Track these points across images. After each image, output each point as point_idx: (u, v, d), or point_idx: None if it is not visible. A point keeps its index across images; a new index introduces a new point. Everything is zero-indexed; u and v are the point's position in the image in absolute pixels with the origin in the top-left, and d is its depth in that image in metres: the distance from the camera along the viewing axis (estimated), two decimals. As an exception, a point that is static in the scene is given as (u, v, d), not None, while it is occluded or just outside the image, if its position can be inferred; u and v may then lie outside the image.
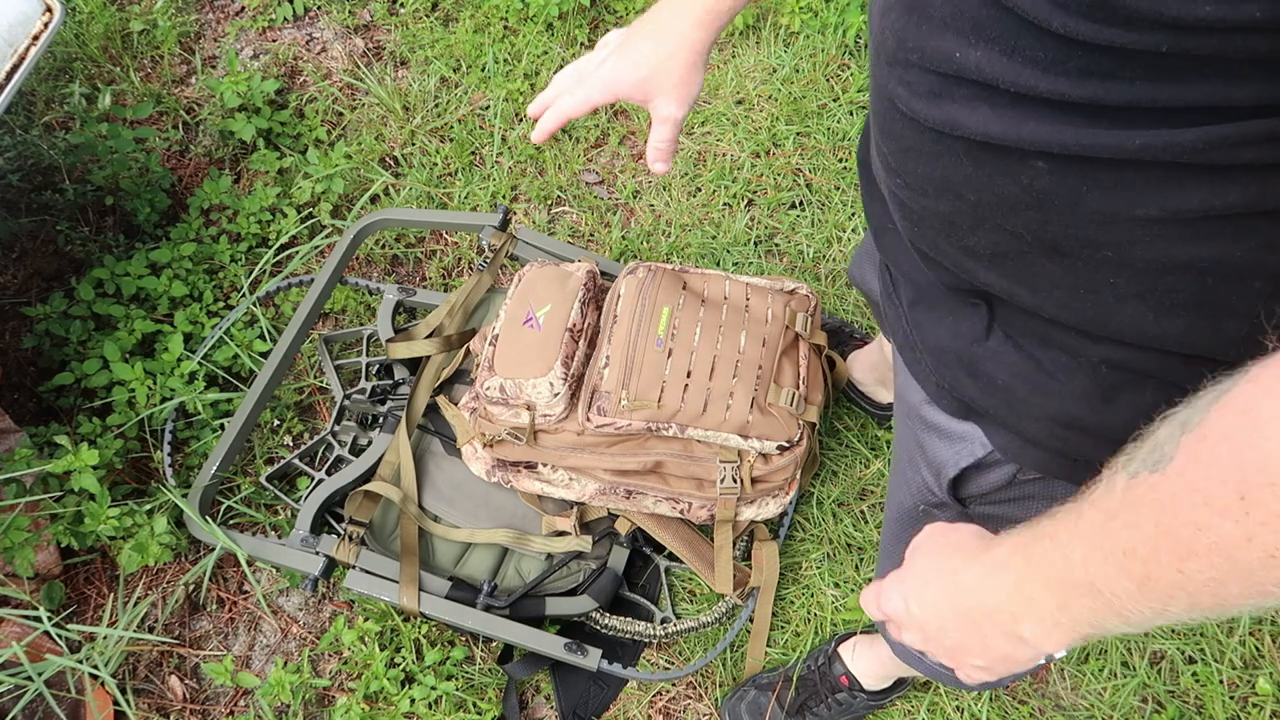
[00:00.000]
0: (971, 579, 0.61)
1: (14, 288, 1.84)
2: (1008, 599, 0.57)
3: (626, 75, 0.95)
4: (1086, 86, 0.50)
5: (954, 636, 0.63)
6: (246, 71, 2.00)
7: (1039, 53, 0.50)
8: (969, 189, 0.61)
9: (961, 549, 0.64)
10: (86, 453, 1.45)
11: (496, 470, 1.45)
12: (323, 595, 1.62)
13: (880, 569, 1.05)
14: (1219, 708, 1.49)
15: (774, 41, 2.11)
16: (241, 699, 1.55)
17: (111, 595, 1.57)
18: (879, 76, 0.65)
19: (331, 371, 1.71)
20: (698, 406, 1.31)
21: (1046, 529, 0.55)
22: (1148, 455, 0.47)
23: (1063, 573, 0.52)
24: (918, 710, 1.50)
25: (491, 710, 1.50)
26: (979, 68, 0.53)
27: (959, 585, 0.62)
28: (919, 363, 0.79)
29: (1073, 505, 0.53)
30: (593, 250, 1.91)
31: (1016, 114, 0.54)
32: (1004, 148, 0.56)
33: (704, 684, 1.55)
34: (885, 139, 0.67)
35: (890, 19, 0.61)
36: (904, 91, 0.61)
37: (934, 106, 0.59)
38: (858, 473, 1.69)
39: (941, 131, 0.59)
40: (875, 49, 0.66)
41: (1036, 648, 0.58)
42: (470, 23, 2.16)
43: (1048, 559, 0.54)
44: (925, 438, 0.82)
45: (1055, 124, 0.52)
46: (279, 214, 1.91)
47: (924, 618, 0.65)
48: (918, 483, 0.86)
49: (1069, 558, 0.51)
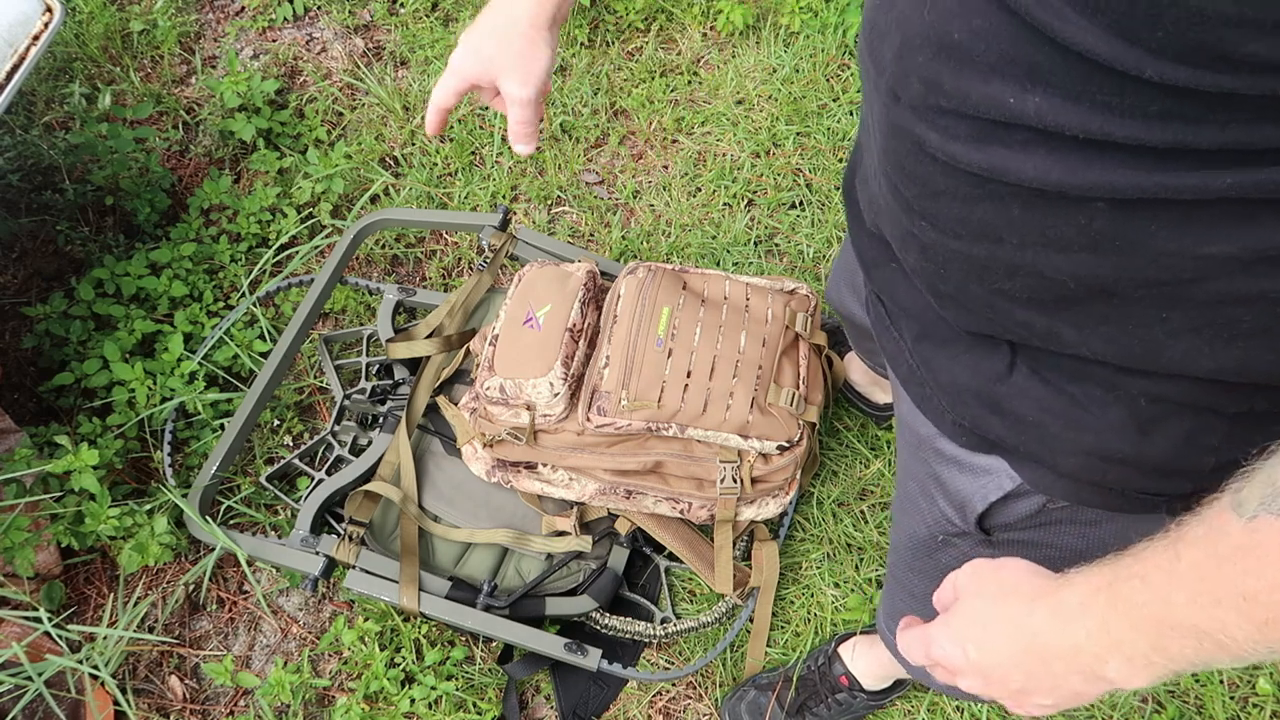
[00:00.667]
0: (1042, 622, 0.59)
1: (14, 288, 1.84)
2: (1089, 641, 0.55)
3: (469, 57, 0.94)
4: (1169, 130, 0.47)
5: (1020, 680, 0.61)
6: (246, 71, 2.00)
7: (1113, 97, 0.48)
8: (1013, 233, 0.58)
9: (1019, 589, 0.62)
10: (86, 453, 1.45)
11: (496, 470, 1.45)
12: (323, 595, 1.62)
13: (889, 595, 1.04)
14: (1219, 708, 1.49)
15: (774, 41, 2.11)
16: (241, 699, 1.55)
17: (111, 595, 1.57)
18: (898, 119, 0.61)
19: (331, 371, 1.71)
20: (698, 406, 1.31)
21: (1132, 569, 0.53)
22: (1269, 497, 0.45)
23: (1159, 614, 0.51)
24: (918, 710, 1.50)
25: (491, 710, 1.50)
26: (1039, 114, 0.51)
27: (1026, 628, 0.60)
28: (930, 399, 0.77)
29: (1163, 544, 0.51)
30: (593, 250, 1.91)
31: (1080, 158, 0.51)
32: (1061, 192, 0.53)
33: (704, 684, 1.55)
34: (907, 181, 0.64)
35: (916, 61, 0.57)
36: (937, 136, 0.58)
37: (978, 151, 0.56)
38: (858, 473, 1.69)
39: (984, 176, 0.56)
40: (890, 90, 0.62)
41: (1121, 685, 0.56)
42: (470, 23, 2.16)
43: (1136, 600, 0.52)
44: (943, 470, 0.80)
45: (1126, 168, 0.50)
46: (279, 214, 1.91)
47: (985, 663, 0.62)
48: (934, 514, 0.84)
49: (1168, 600, 0.50)
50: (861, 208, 0.81)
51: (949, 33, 0.54)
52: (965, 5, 0.52)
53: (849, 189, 0.87)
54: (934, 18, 0.55)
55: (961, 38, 0.53)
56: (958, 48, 0.53)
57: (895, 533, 0.97)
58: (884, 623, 1.06)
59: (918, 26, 0.57)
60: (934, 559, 0.89)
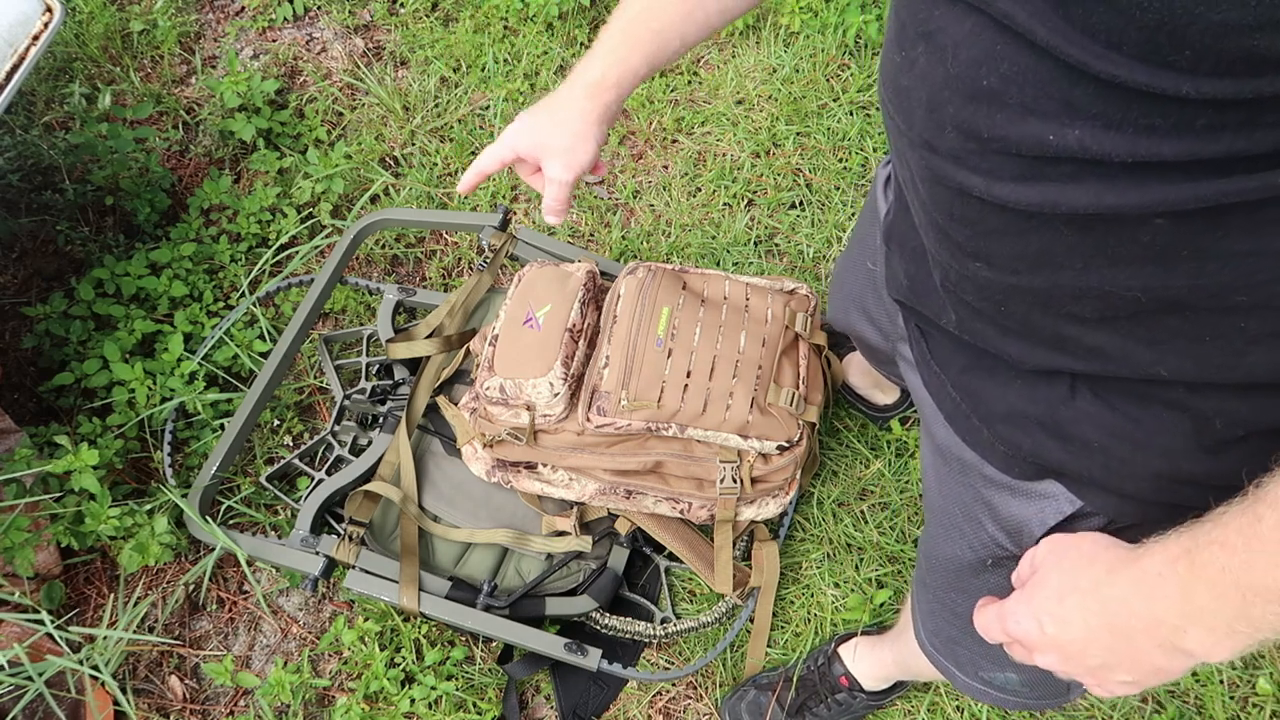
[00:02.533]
0: (1121, 593, 0.58)
1: (14, 288, 1.84)
2: (1170, 610, 0.54)
3: (523, 136, 1.03)
4: (1220, 142, 0.47)
5: (1100, 655, 0.60)
6: (246, 71, 2.00)
7: (1157, 119, 0.48)
8: (1074, 258, 0.58)
9: (1098, 561, 0.61)
10: (86, 453, 1.45)
11: (496, 470, 1.45)
12: (323, 595, 1.62)
13: (931, 615, 1.03)
14: (1219, 708, 1.49)
15: (774, 41, 2.11)
16: (241, 699, 1.56)
17: (111, 595, 1.57)
18: (939, 169, 0.62)
19: (331, 371, 1.71)
20: (697, 406, 1.31)
21: (1212, 535, 0.52)
22: None
23: (1242, 579, 0.50)
24: (918, 710, 1.50)
25: (491, 710, 1.50)
26: (1082, 146, 0.50)
27: (1105, 600, 0.59)
28: (977, 431, 0.77)
29: (1241, 508, 0.51)
30: (593, 250, 1.91)
31: (1132, 181, 0.51)
32: (1117, 214, 0.53)
33: (704, 684, 1.55)
34: (957, 226, 0.64)
35: (947, 113, 0.58)
36: (981, 180, 0.58)
37: (1026, 189, 0.55)
38: (858, 473, 1.69)
39: (1033, 214, 0.56)
40: (925, 143, 0.62)
41: (1203, 658, 0.55)
42: (470, 23, 2.16)
43: (1217, 565, 0.51)
44: (993, 495, 0.79)
45: (1182, 183, 0.49)
46: (279, 214, 1.91)
47: (1063, 638, 0.62)
48: (981, 538, 0.84)
49: (1250, 564, 0.49)
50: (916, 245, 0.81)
51: (977, 80, 0.54)
52: (991, 53, 0.53)
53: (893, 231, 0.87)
54: (959, 69, 0.55)
55: (992, 84, 0.53)
56: (989, 94, 0.54)
57: (931, 555, 0.96)
58: (927, 640, 1.05)
59: (942, 79, 0.57)
60: (980, 580, 0.88)
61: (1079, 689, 0.95)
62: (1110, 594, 0.59)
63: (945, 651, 1.02)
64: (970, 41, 0.54)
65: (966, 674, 1.01)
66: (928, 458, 0.91)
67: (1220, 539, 0.52)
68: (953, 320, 0.76)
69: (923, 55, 0.59)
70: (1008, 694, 0.99)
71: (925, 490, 0.96)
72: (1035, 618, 0.63)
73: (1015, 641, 0.66)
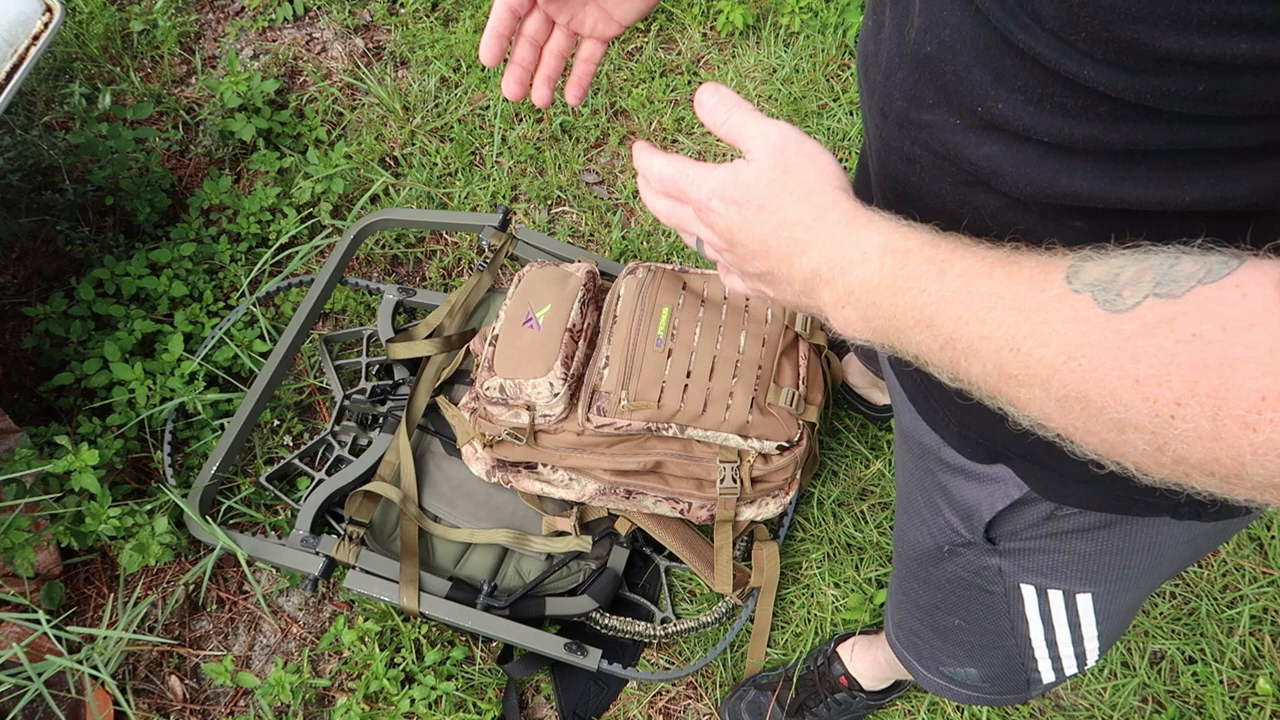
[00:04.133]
0: (817, 241, 0.56)
1: (14, 288, 1.84)
2: (847, 286, 0.54)
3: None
4: (1120, 130, 0.47)
5: (758, 271, 0.60)
6: (246, 71, 2.00)
7: (1069, 100, 0.48)
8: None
9: (817, 197, 0.57)
10: (86, 453, 1.45)
11: (496, 470, 1.45)
12: (323, 595, 1.62)
13: (895, 606, 1.03)
14: (1219, 708, 1.49)
15: (774, 41, 2.11)
16: (241, 699, 1.56)
17: (111, 595, 1.57)
18: (888, 136, 0.62)
19: (331, 371, 1.71)
20: (697, 406, 1.31)
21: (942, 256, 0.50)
22: (1103, 286, 0.43)
23: (920, 307, 0.49)
24: (918, 710, 1.50)
25: (491, 710, 1.50)
26: (1004, 118, 0.51)
27: (797, 240, 0.57)
28: (935, 412, 0.77)
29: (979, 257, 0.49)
30: (593, 250, 1.91)
31: (1051, 165, 0.51)
32: (1037, 206, 0.54)
33: (704, 684, 1.55)
34: (901, 201, 0.65)
35: (897, 79, 0.59)
36: (920, 150, 0.59)
37: (955, 163, 0.56)
38: (858, 473, 1.69)
39: (968, 184, 0.57)
40: (880, 110, 0.63)
41: (826, 318, 0.56)
42: (470, 23, 2.16)
43: (920, 286, 0.50)
44: (948, 480, 0.80)
45: (1091, 176, 0.50)
46: (279, 214, 1.91)
47: (737, 237, 0.60)
48: (940, 524, 0.84)
49: (944, 307, 0.49)
50: None
51: (923, 46, 0.55)
52: (937, 19, 0.53)
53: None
54: (913, 35, 0.56)
55: (932, 50, 0.54)
56: (930, 60, 0.55)
57: (899, 544, 0.97)
58: (893, 633, 1.06)
59: (897, 45, 0.58)
60: (940, 569, 0.88)
61: (1039, 685, 0.96)
62: (805, 238, 0.56)
63: (909, 644, 1.03)
64: (925, 7, 0.55)
65: (928, 669, 1.01)
66: (897, 445, 0.91)
67: (944, 265, 0.50)
68: None
69: (889, 20, 0.60)
70: (968, 689, 1.00)
71: (896, 479, 0.96)
72: (725, 203, 0.60)
73: (691, 203, 0.62)
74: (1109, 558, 0.78)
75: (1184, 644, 1.55)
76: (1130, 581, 0.82)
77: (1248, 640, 1.55)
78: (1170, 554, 0.78)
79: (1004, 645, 0.90)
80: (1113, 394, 0.42)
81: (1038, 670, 0.92)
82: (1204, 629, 1.56)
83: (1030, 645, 0.89)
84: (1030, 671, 0.93)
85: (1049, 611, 0.85)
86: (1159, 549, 0.77)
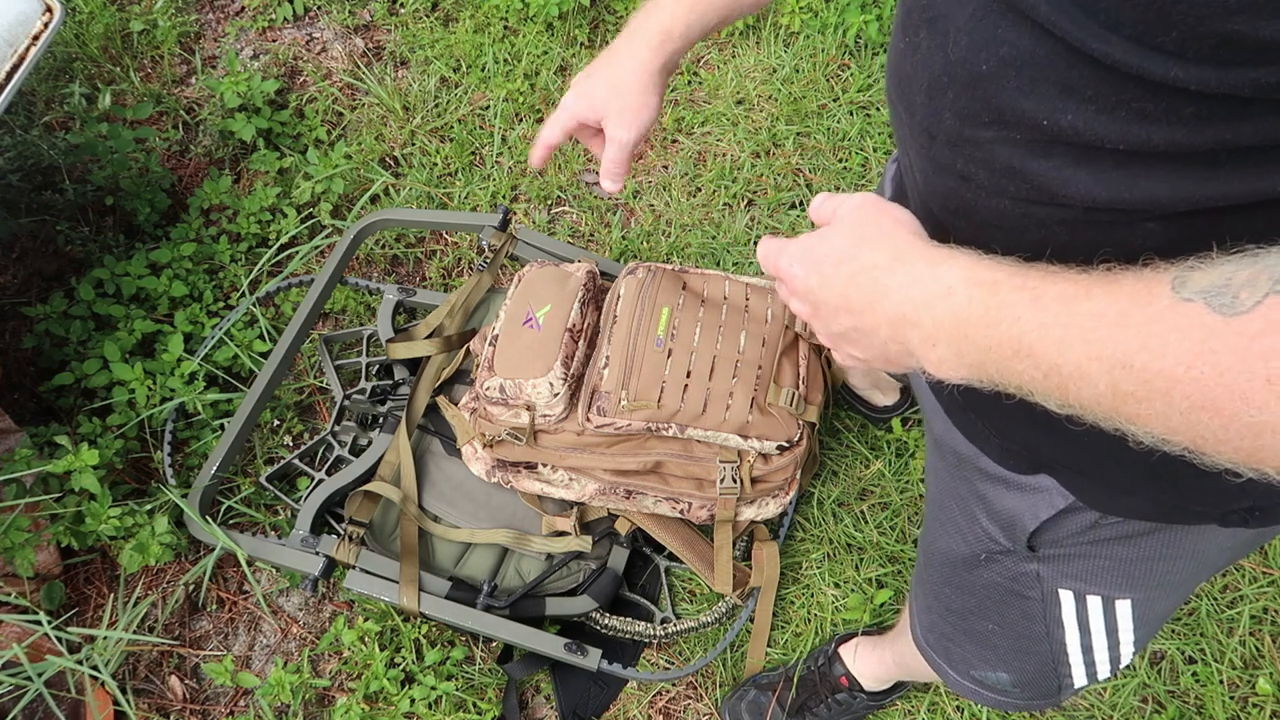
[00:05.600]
0: (898, 284, 0.56)
1: (14, 288, 1.84)
2: (937, 328, 0.54)
3: (583, 100, 0.99)
4: (1207, 132, 0.46)
5: (843, 325, 0.61)
6: (246, 71, 2.00)
7: (1148, 104, 0.47)
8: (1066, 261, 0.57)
9: (891, 241, 0.59)
10: (87, 453, 1.45)
11: (496, 470, 1.45)
12: (323, 595, 1.62)
13: (925, 610, 1.02)
14: (1219, 708, 1.49)
15: (774, 41, 2.11)
16: (241, 699, 1.56)
17: (111, 595, 1.57)
18: (938, 156, 0.61)
19: (331, 371, 1.71)
20: (697, 406, 1.31)
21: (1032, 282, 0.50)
22: (1216, 292, 0.43)
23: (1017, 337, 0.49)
24: (918, 710, 1.50)
25: (491, 710, 1.50)
26: (1075, 130, 0.50)
27: (879, 284, 0.57)
28: (974, 425, 0.76)
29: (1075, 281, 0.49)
30: (593, 250, 1.91)
31: (1124, 174, 0.50)
32: (1108, 213, 0.53)
33: (704, 684, 1.55)
34: (953, 217, 0.64)
35: (947, 98, 0.58)
36: (977, 169, 0.58)
37: (1018, 179, 0.55)
38: (858, 473, 1.69)
39: (1030, 200, 0.56)
40: (924, 130, 0.62)
41: (925, 368, 0.56)
42: (470, 23, 2.16)
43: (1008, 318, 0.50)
44: (988, 489, 0.79)
45: (1172, 179, 0.49)
46: (279, 214, 1.91)
47: (819, 296, 0.61)
48: (976, 532, 0.83)
49: (1044, 334, 0.48)
50: None
51: (976, 65, 0.54)
52: (991, 37, 0.53)
53: None
54: (960, 55, 0.55)
55: (990, 68, 0.53)
56: (987, 78, 0.54)
57: (929, 550, 0.95)
58: (923, 637, 1.05)
59: (942, 65, 0.57)
60: (975, 575, 0.88)
61: (1069, 690, 0.95)
62: (887, 281, 0.57)
63: (939, 648, 1.02)
64: (971, 26, 0.54)
65: (959, 672, 1.01)
66: (929, 452, 0.91)
67: (1037, 292, 0.50)
68: None
69: (925, 41, 0.59)
70: (999, 694, 1.00)
71: (926, 485, 0.95)
72: (807, 269, 0.62)
73: (780, 277, 0.66)
74: (1151, 564, 0.77)
75: (1184, 644, 1.55)
76: (1170, 588, 0.81)
77: (1248, 640, 1.55)
78: (1211, 560, 0.78)
79: (1038, 650, 0.90)
80: (1244, 398, 0.41)
81: (1070, 675, 0.91)
82: (1204, 629, 1.56)
83: (1065, 650, 0.88)
84: (1063, 677, 0.92)
85: (1086, 617, 0.84)
86: (1201, 556, 0.76)
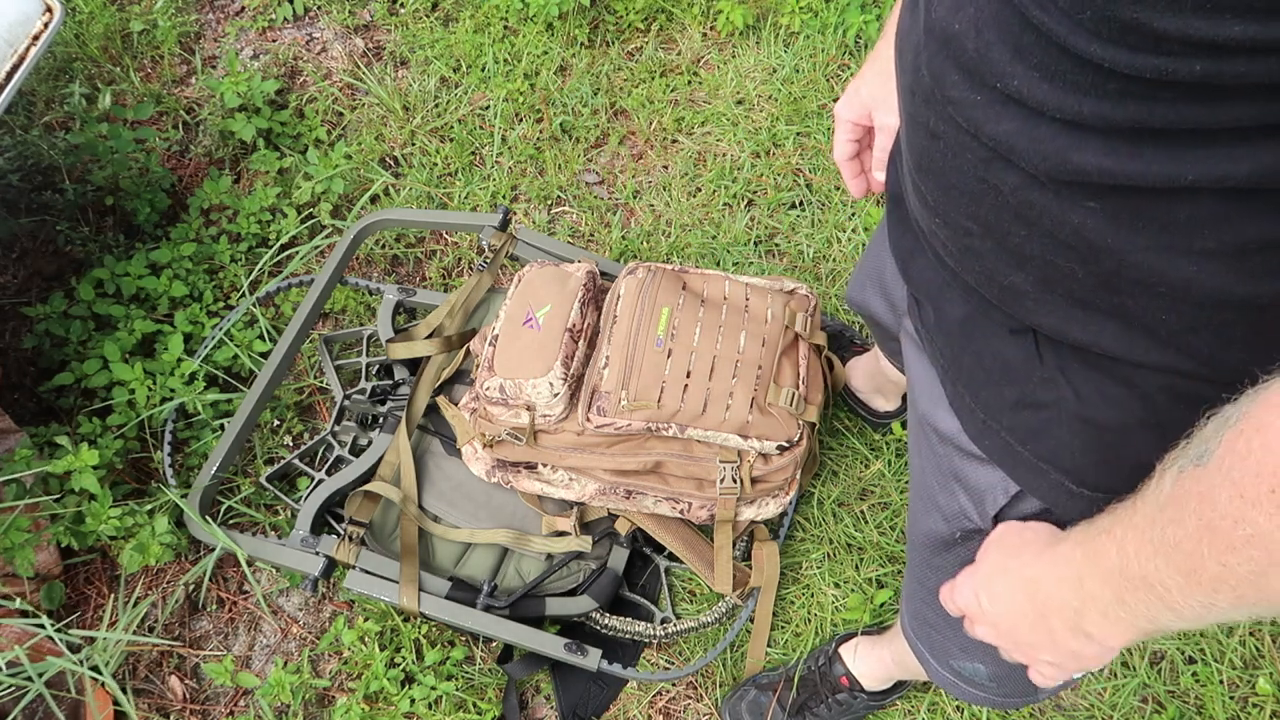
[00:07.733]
0: (1036, 573, 0.62)
1: (14, 288, 1.84)
2: (1071, 594, 0.58)
3: (850, 101, 1.00)
4: (1127, 108, 0.49)
5: (1025, 633, 0.64)
6: (246, 71, 2.00)
7: (1079, 76, 0.49)
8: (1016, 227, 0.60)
9: (1031, 545, 0.65)
10: (87, 453, 1.45)
11: (496, 470, 1.45)
12: (323, 595, 1.62)
13: (910, 596, 1.04)
14: (1219, 708, 1.49)
15: (774, 41, 2.11)
16: (241, 699, 1.56)
17: (112, 595, 1.57)
18: (914, 112, 0.65)
19: (331, 372, 1.71)
20: (697, 406, 1.31)
21: (1105, 524, 0.56)
22: (1194, 451, 0.48)
23: (1118, 566, 0.53)
24: (918, 710, 1.50)
25: (491, 710, 1.50)
26: (1020, 93, 0.53)
27: (1027, 580, 0.63)
28: (960, 397, 0.78)
29: (1129, 501, 0.54)
30: (593, 250, 1.91)
31: (1064, 142, 0.53)
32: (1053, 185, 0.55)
33: (704, 684, 1.55)
34: (925, 178, 0.67)
35: (924, 57, 0.61)
36: (944, 125, 0.60)
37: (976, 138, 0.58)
38: (858, 473, 1.69)
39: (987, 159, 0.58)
40: (908, 87, 0.65)
41: (1102, 643, 0.59)
42: (470, 23, 2.16)
43: (1104, 553, 0.55)
44: (964, 464, 0.81)
45: (1100, 153, 0.51)
46: (279, 214, 1.91)
47: (995, 613, 0.66)
48: (953, 508, 0.85)
49: (1124, 551, 0.52)
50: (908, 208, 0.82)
51: (951, 24, 0.57)
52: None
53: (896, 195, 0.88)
54: (939, 14, 0.58)
55: (960, 28, 0.56)
56: (957, 37, 0.57)
57: (912, 533, 0.97)
58: (908, 624, 1.06)
59: (925, 24, 0.61)
60: (951, 554, 0.89)
61: (1047, 691, 0.96)
62: (1029, 574, 0.63)
63: (922, 635, 1.03)
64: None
65: (939, 662, 1.02)
66: (912, 434, 0.93)
67: (1107, 528, 0.55)
68: (931, 280, 0.78)
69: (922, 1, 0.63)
70: (975, 687, 1.00)
71: (910, 469, 0.98)
72: (974, 591, 0.68)
73: (961, 613, 0.71)
74: None
75: (1184, 644, 1.55)
76: None
77: (1248, 640, 1.55)
78: None
79: None
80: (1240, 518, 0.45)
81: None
82: (1204, 629, 1.56)
83: None
84: None
85: None
86: None
